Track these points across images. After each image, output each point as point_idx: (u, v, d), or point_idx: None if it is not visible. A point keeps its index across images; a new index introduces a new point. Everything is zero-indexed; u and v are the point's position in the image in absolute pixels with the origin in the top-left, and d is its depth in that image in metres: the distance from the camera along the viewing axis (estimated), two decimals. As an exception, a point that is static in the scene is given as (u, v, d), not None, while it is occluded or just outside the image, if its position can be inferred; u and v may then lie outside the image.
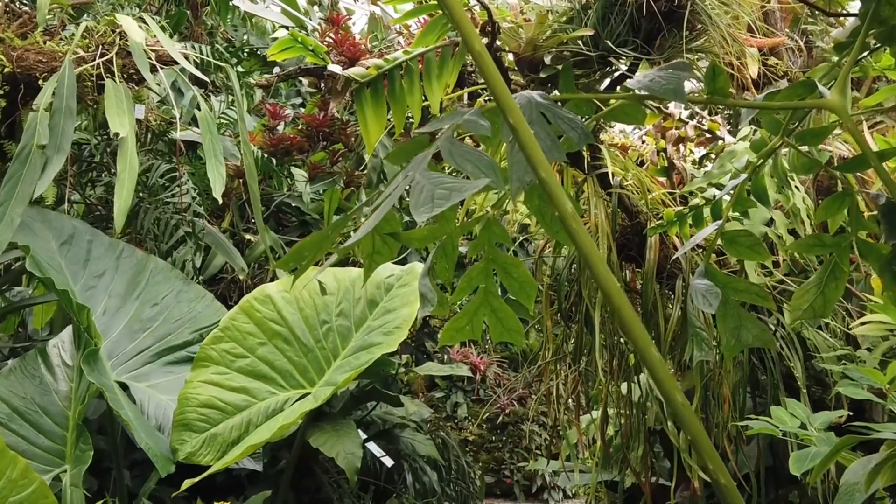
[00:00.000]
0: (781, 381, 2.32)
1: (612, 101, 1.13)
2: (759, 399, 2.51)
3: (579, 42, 2.13)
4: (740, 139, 2.28)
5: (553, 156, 0.82)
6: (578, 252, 0.68)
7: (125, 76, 3.12)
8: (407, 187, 0.93)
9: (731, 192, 1.57)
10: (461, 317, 1.20)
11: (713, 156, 3.06)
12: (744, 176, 1.26)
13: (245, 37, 5.52)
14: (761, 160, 1.31)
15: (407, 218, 3.84)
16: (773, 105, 1.06)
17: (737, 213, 1.89)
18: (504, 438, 6.84)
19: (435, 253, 1.15)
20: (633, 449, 2.57)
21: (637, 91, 1.00)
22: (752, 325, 1.27)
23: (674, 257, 2.05)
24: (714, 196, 1.57)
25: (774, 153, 1.41)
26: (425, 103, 2.16)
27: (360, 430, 3.80)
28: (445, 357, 5.62)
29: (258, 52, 5.60)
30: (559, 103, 0.98)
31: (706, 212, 1.66)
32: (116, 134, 2.83)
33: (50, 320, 3.83)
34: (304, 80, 5.29)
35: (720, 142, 2.50)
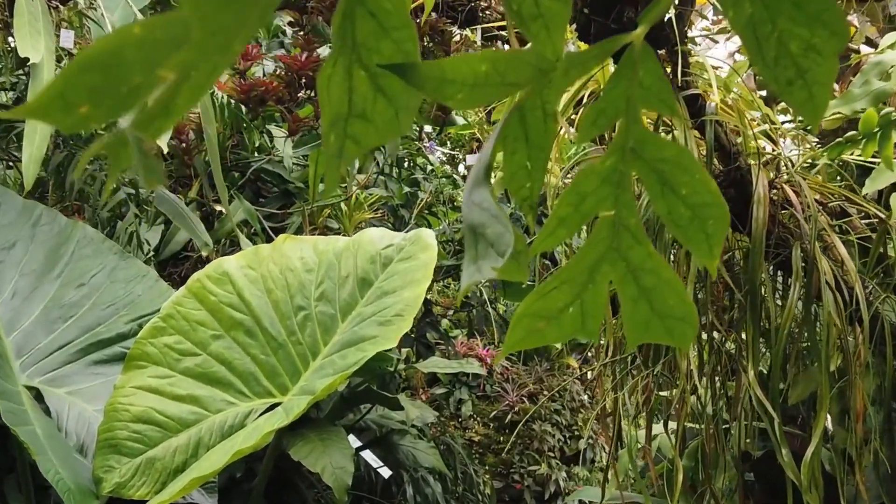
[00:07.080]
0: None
1: None
2: (894, 412, 1.85)
3: None
4: (887, 47, 1.60)
5: None
6: None
7: (46, -8, 2.44)
8: None
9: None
10: (555, 289, 0.52)
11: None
12: None
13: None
14: None
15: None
16: None
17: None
18: (513, 439, 6.18)
19: (503, 127, 0.47)
20: (715, 478, 1.91)
21: None
22: None
23: None
24: None
25: None
26: None
27: (352, 436, 3.22)
28: (451, 350, 4.95)
29: None
30: None
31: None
32: (27, 59, 2.16)
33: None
34: (288, 31, 4.60)
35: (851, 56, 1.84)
